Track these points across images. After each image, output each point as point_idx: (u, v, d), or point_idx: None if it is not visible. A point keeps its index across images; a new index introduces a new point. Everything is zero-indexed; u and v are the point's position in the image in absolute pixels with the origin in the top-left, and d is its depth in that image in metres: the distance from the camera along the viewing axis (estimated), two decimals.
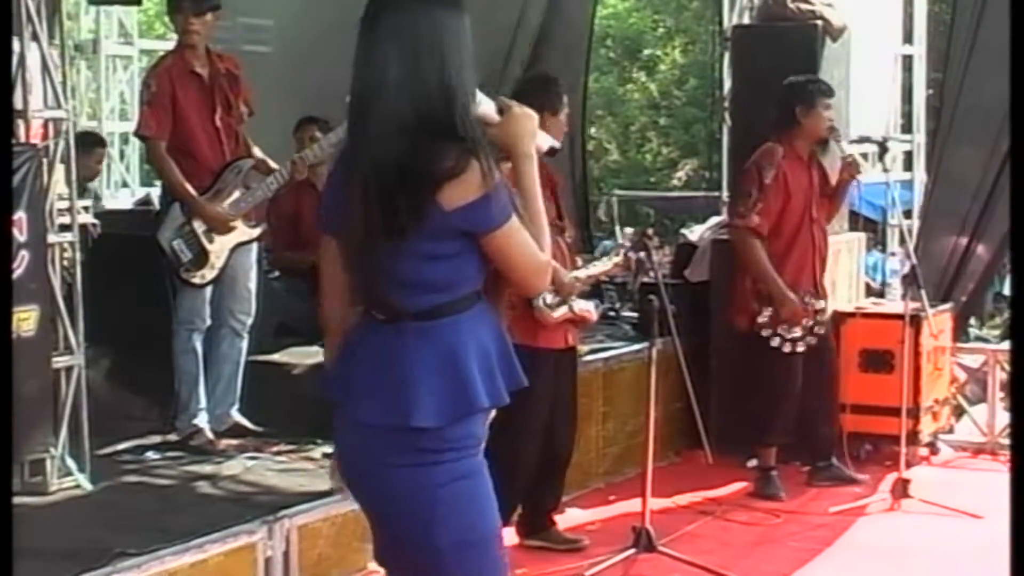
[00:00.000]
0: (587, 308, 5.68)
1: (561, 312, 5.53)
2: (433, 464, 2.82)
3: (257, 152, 6.16)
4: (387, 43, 2.81)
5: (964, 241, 8.15)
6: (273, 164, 6.09)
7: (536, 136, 2.93)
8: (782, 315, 6.53)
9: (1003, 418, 7.66)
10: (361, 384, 2.86)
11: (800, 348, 6.59)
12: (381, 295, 2.85)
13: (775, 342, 6.58)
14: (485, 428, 2.93)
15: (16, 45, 5.13)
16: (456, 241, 2.81)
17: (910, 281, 6.78)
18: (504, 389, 2.89)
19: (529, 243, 2.86)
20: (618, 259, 5.87)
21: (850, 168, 6.72)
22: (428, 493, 2.82)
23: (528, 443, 5.55)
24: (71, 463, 5.24)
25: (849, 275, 7.82)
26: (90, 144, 9.23)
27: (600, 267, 5.89)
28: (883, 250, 9.85)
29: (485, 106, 2.88)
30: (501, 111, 2.92)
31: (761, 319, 6.59)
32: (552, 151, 3.16)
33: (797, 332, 6.58)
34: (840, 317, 7.35)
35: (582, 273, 5.69)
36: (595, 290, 8.64)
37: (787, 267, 6.63)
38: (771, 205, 6.58)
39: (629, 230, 6.04)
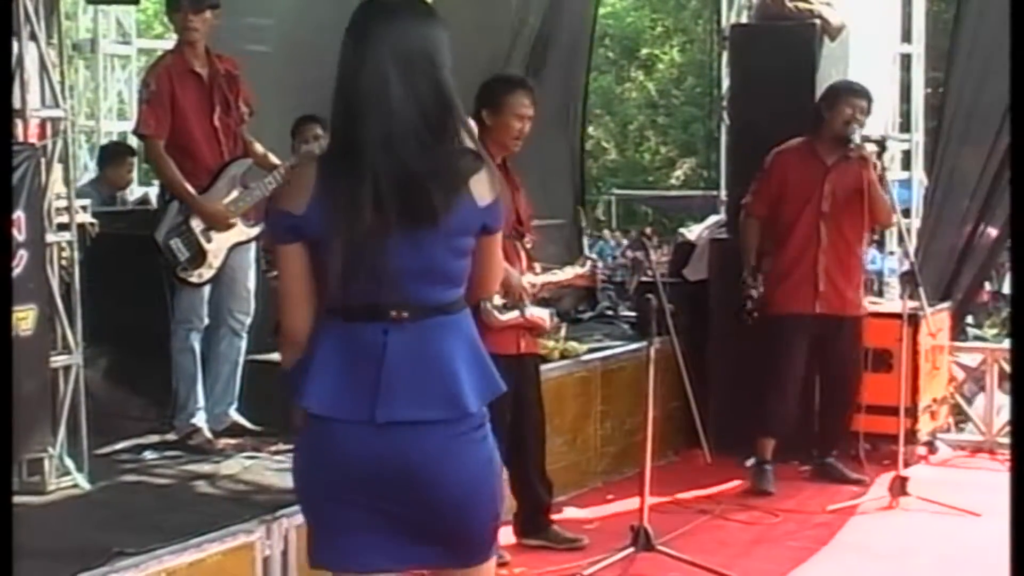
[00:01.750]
0: (540, 315, 5.58)
1: (510, 316, 5.44)
2: (483, 440, 3.01)
3: (259, 148, 6.15)
4: (381, 53, 2.88)
5: (964, 240, 8.14)
6: (276, 160, 6.09)
7: None
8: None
9: (1001, 417, 7.67)
10: (398, 385, 2.90)
11: (744, 318, 6.83)
12: (403, 293, 2.88)
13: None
14: None
15: (14, 44, 5.13)
16: (474, 238, 2.94)
17: (909, 280, 6.80)
18: None
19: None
20: (582, 270, 5.80)
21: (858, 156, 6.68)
22: (488, 466, 3.02)
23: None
24: (69, 462, 5.23)
25: None
26: (120, 154, 9.29)
27: (560, 276, 5.78)
28: (881, 249, 9.85)
29: None
30: None
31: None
32: None
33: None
34: None
35: (538, 279, 5.58)
36: (592, 289, 8.67)
37: (784, 253, 6.83)
38: (763, 188, 6.91)
39: (590, 255, 5.86)
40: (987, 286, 13.01)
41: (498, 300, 5.39)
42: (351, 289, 2.89)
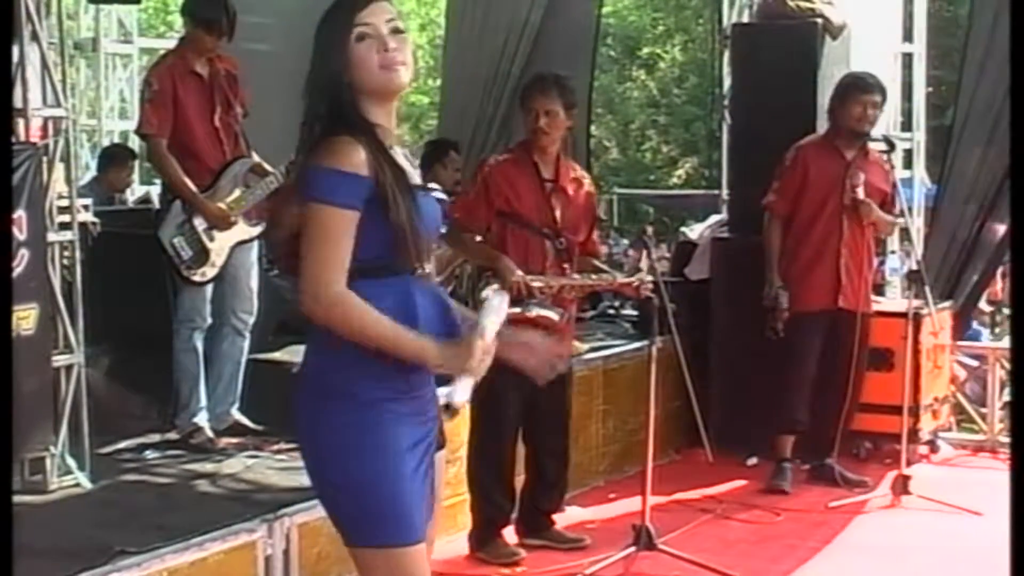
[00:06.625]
0: (546, 314, 5.53)
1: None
2: None
3: (254, 156, 6.15)
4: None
5: (971, 240, 8.12)
6: (269, 167, 6.07)
7: None
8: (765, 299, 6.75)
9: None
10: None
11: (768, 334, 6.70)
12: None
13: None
14: None
15: (15, 44, 5.13)
16: None
17: (914, 278, 6.78)
18: None
19: None
20: (626, 279, 5.70)
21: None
22: None
23: (498, 440, 5.54)
24: (71, 461, 5.24)
25: None
26: (121, 156, 9.31)
27: (593, 280, 5.74)
28: (882, 247, 9.83)
29: None
30: None
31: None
32: None
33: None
34: None
35: (554, 281, 5.49)
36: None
37: (804, 251, 6.73)
38: (786, 186, 6.77)
39: (644, 263, 5.77)
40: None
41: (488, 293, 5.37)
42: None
